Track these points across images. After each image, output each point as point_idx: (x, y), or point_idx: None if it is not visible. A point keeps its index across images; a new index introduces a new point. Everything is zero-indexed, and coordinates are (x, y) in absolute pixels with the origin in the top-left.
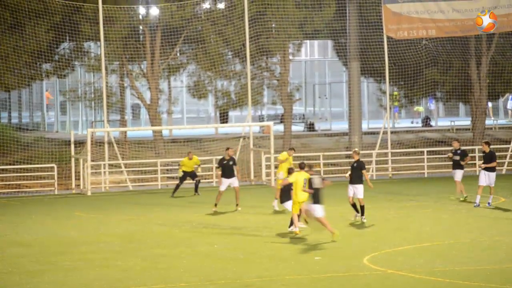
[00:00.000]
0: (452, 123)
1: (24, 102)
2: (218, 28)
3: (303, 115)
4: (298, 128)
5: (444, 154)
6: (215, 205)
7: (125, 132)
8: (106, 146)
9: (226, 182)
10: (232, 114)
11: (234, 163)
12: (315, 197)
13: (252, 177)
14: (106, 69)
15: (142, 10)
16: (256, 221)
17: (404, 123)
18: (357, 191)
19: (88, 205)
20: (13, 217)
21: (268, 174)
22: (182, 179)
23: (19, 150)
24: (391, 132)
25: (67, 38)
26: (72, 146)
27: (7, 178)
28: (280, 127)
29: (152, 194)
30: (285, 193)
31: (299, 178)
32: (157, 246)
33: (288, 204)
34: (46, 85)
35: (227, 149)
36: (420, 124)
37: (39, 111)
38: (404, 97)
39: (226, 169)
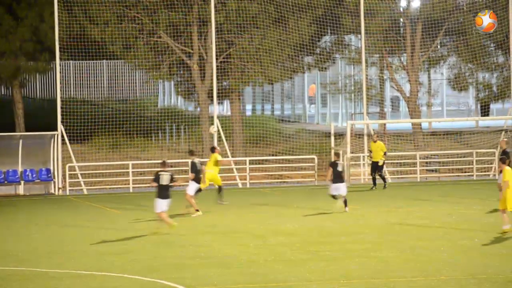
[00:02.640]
0: None
1: (286, 94)
2: None
3: None
4: None
5: None
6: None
7: (384, 124)
8: (365, 138)
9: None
10: (493, 106)
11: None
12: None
13: None
14: (366, 61)
15: (403, 3)
16: None
17: None
18: None
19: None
20: (275, 207)
21: None
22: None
23: (281, 141)
24: None
25: (329, 31)
26: (332, 138)
27: (270, 169)
28: None
29: (411, 186)
30: None
31: None
32: (416, 239)
33: None
34: (308, 77)
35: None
36: None
37: (301, 103)
38: None
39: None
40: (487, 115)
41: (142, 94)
